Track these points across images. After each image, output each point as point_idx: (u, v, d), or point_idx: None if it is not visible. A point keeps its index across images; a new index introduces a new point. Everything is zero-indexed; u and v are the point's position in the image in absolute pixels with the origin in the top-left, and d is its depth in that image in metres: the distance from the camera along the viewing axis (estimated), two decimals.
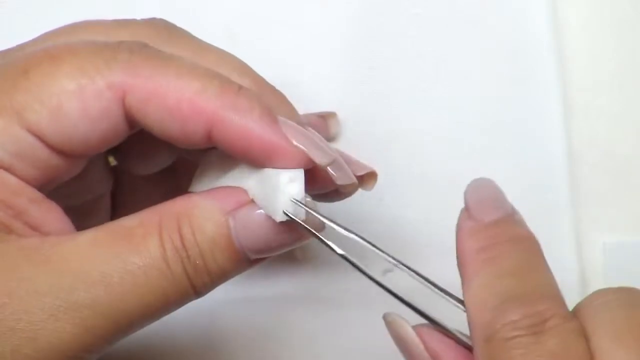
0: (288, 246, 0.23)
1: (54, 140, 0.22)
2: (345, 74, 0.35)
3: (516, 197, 0.34)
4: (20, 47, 0.25)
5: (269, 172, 0.22)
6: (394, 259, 0.24)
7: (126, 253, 0.21)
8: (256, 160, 0.22)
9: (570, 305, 0.24)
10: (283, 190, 0.22)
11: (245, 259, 0.23)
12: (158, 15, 0.35)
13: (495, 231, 0.23)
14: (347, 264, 0.24)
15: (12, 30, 0.36)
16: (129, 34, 0.24)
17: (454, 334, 0.23)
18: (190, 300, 0.23)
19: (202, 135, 0.22)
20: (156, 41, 0.24)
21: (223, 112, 0.22)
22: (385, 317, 0.25)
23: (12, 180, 0.22)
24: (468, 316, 0.22)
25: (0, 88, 0.22)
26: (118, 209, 0.29)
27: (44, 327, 0.20)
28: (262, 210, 0.22)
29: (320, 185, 0.24)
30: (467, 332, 0.23)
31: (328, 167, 0.23)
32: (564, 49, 0.35)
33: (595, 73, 0.35)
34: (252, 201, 0.23)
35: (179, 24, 0.30)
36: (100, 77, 0.22)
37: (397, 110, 0.35)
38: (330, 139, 0.34)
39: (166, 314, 0.22)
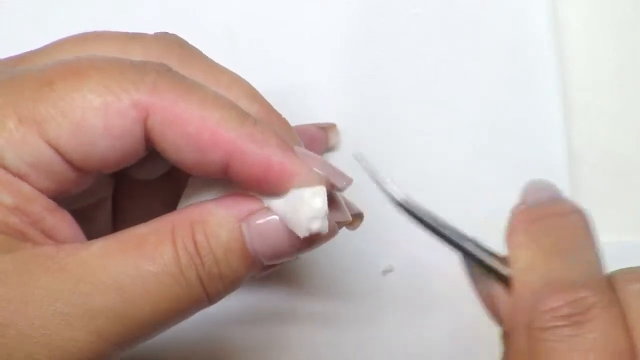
0: (302, 251, 0.23)
1: (73, 155, 0.22)
2: (345, 74, 0.35)
3: (516, 198, 0.34)
4: (34, 54, 0.25)
5: (292, 191, 0.23)
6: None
7: (140, 260, 0.21)
8: (274, 187, 0.23)
9: None
10: (308, 204, 0.22)
11: (259, 265, 0.23)
12: (158, 16, 0.35)
13: (543, 206, 0.23)
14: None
15: (12, 30, 0.36)
16: (142, 49, 0.24)
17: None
18: (204, 307, 0.23)
19: (219, 165, 0.22)
20: (170, 59, 0.24)
21: (242, 144, 0.22)
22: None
23: (27, 188, 0.22)
24: (514, 287, 0.23)
25: (22, 97, 0.22)
26: (119, 212, 0.29)
27: (58, 334, 0.20)
28: (275, 216, 0.23)
29: None
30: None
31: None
32: (564, 49, 0.35)
33: (595, 73, 0.35)
34: (265, 208, 0.23)
35: (179, 24, 0.31)
36: (126, 96, 0.22)
37: (397, 110, 0.35)
38: (330, 149, 0.34)
39: (179, 321, 0.23)
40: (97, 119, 0.21)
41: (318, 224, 0.22)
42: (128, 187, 0.29)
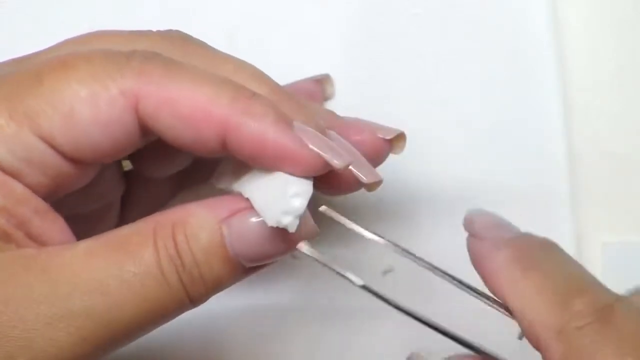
0: (282, 254, 0.23)
1: (65, 147, 0.22)
2: (345, 74, 0.35)
3: (516, 198, 0.34)
4: (36, 55, 0.25)
5: (279, 177, 0.22)
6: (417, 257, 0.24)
7: (122, 261, 0.21)
8: (270, 165, 0.22)
9: None
10: (288, 200, 0.22)
11: (240, 267, 0.23)
12: (158, 16, 0.36)
13: (522, 242, 0.24)
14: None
15: (12, 30, 0.36)
16: (144, 45, 0.24)
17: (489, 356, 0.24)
18: (187, 309, 0.23)
19: (216, 142, 0.22)
20: (172, 51, 0.24)
21: (236, 118, 0.22)
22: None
23: (18, 188, 0.22)
24: (524, 319, 0.23)
25: (12, 93, 0.22)
26: (127, 212, 0.29)
27: (40, 335, 0.20)
28: (256, 218, 0.22)
29: (345, 188, 0.24)
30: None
31: (352, 169, 0.24)
32: (564, 49, 0.35)
33: (595, 73, 0.35)
34: (247, 208, 0.22)
35: (178, 25, 0.30)
36: (113, 84, 0.22)
37: (397, 110, 0.35)
38: (326, 99, 0.34)
39: (162, 323, 0.22)
40: (86, 109, 0.21)
41: (288, 220, 0.22)
42: (138, 186, 0.29)
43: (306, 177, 0.22)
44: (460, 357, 0.24)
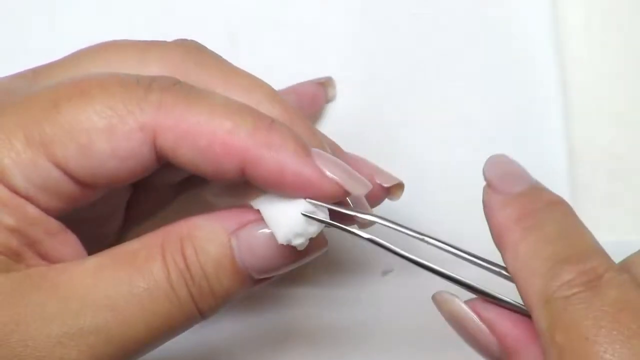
0: (292, 265, 0.23)
1: (80, 176, 0.22)
2: (346, 74, 0.35)
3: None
4: (49, 70, 0.25)
5: (296, 201, 0.22)
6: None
7: (131, 277, 0.21)
8: (290, 192, 0.22)
9: None
10: (303, 224, 0.22)
11: (249, 279, 0.23)
12: (158, 16, 0.35)
13: (528, 199, 0.23)
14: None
15: (12, 30, 0.36)
16: (159, 57, 0.24)
17: (506, 302, 0.23)
18: (197, 322, 0.23)
19: (236, 173, 0.22)
20: (187, 65, 0.24)
21: (256, 151, 0.22)
22: (434, 297, 0.25)
23: (32, 210, 0.22)
24: (518, 284, 0.22)
25: (29, 118, 0.22)
26: (131, 214, 0.29)
27: (51, 354, 0.20)
28: (265, 230, 0.22)
29: (370, 199, 0.25)
30: (514, 300, 0.23)
31: (374, 177, 0.24)
32: (564, 49, 0.35)
33: (595, 73, 0.35)
34: (256, 220, 0.23)
35: (179, 25, 0.31)
36: (131, 118, 0.21)
37: (397, 110, 0.35)
38: (329, 101, 0.35)
39: (173, 337, 0.23)
40: (103, 142, 0.21)
41: (300, 242, 0.22)
42: (144, 190, 0.29)
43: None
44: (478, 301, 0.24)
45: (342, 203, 0.24)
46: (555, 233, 0.22)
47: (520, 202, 0.23)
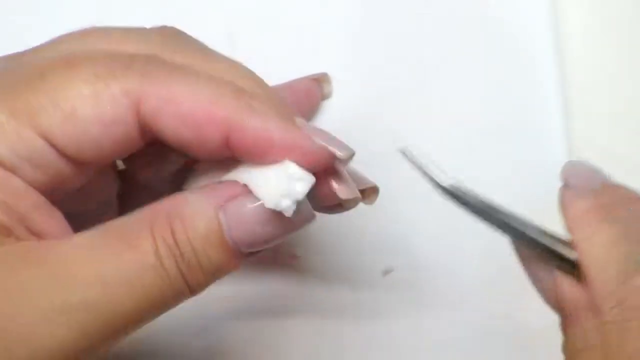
0: (280, 237, 0.23)
1: (65, 145, 0.22)
2: (346, 74, 0.35)
3: (516, 197, 0.34)
4: (34, 51, 0.25)
5: (280, 164, 0.22)
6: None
7: (120, 253, 0.21)
8: (277, 160, 0.22)
9: None
10: (289, 183, 0.22)
11: (238, 254, 0.23)
12: (157, 16, 0.35)
13: (606, 192, 0.23)
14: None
15: (11, 31, 0.36)
16: (139, 40, 0.24)
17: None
18: (186, 298, 0.22)
19: (219, 143, 0.22)
20: (166, 47, 0.24)
21: (240, 116, 0.22)
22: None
23: (17, 183, 0.22)
24: (590, 277, 0.22)
25: (14, 90, 0.22)
26: (126, 211, 0.29)
27: (39, 330, 0.20)
28: (252, 203, 0.22)
29: (323, 198, 0.24)
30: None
31: (332, 181, 0.23)
32: (564, 49, 0.35)
33: (595, 73, 0.35)
34: (243, 193, 0.22)
35: (178, 24, 0.30)
36: (115, 83, 0.21)
37: (398, 110, 0.35)
38: (324, 98, 0.35)
39: (162, 313, 0.22)
40: (88, 108, 0.21)
41: (287, 203, 0.22)
42: (136, 183, 0.29)
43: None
44: None
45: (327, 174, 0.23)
46: (634, 231, 0.22)
47: (598, 193, 0.23)
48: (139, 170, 0.28)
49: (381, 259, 0.34)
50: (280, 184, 0.22)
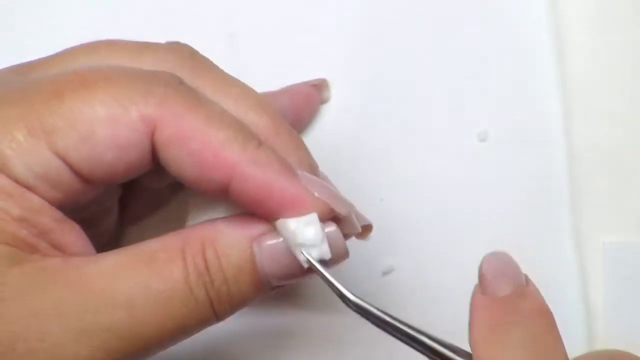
0: (311, 273, 0.23)
1: (80, 166, 0.22)
2: (346, 74, 0.35)
3: (516, 198, 0.34)
4: (45, 64, 0.25)
5: (282, 222, 0.23)
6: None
7: (149, 277, 0.21)
8: (275, 212, 0.23)
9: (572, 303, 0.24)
10: (302, 239, 0.22)
11: (266, 285, 0.23)
12: (157, 16, 0.35)
13: (506, 307, 0.23)
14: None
15: (12, 31, 0.36)
16: (153, 60, 0.24)
17: None
18: (211, 324, 0.23)
19: (220, 186, 0.22)
20: (181, 70, 0.24)
21: (244, 166, 0.22)
22: None
23: (35, 199, 0.22)
24: None
25: (32, 107, 0.22)
26: (126, 214, 0.29)
27: (66, 349, 0.20)
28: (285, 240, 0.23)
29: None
30: None
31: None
32: (564, 48, 0.35)
33: (596, 73, 0.35)
34: (275, 230, 0.23)
35: (178, 25, 0.30)
36: (134, 108, 0.22)
37: (398, 110, 0.35)
38: (323, 103, 0.35)
39: (187, 337, 0.23)
40: (104, 131, 0.22)
41: (316, 252, 0.22)
42: (136, 194, 0.29)
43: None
44: None
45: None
46: (521, 344, 0.22)
47: (498, 308, 0.23)
48: (142, 178, 0.28)
49: (381, 259, 0.34)
50: (296, 245, 0.22)
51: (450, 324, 0.33)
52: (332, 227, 0.23)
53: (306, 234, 0.22)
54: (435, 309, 0.33)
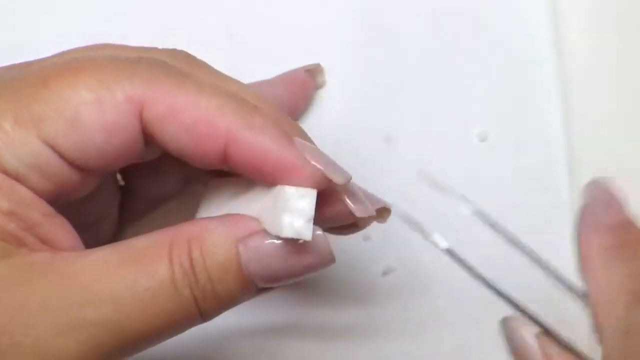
0: (297, 277, 0.23)
1: (70, 152, 0.22)
2: (346, 73, 0.35)
3: (516, 198, 0.34)
4: (40, 61, 0.25)
5: (279, 188, 0.22)
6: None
7: (136, 274, 0.21)
8: (271, 178, 0.22)
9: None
10: (293, 205, 0.22)
11: (253, 287, 0.23)
12: (157, 17, 0.35)
13: (623, 231, 0.23)
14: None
15: (12, 31, 0.36)
16: (147, 50, 0.24)
17: (567, 344, 0.24)
18: (197, 324, 0.23)
19: (217, 154, 0.22)
20: (174, 59, 0.24)
21: (239, 131, 0.22)
22: (506, 322, 0.25)
23: (24, 191, 0.22)
24: (597, 309, 0.22)
25: (19, 97, 0.22)
26: (125, 218, 0.29)
27: (52, 343, 0.20)
28: (273, 240, 0.22)
29: (338, 218, 0.24)
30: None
31: (347, 200, 0.23)
32: (564, 48, 0.35)
33: (596, 73, 0.35)
34: (264, 230, 0.23)
35: (179, 24, 0.30)
36: (119, 89, 0.21)
37: (398, 110, 0.35)
38: (318, 88, 0.35)
39: (172, 336, 0.23)
40: (91, 114, 0.21)
41: (300, 223, 0.22)
42: (135, 200, 0.29)
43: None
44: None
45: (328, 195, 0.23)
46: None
47: (613, 231, 0.23)
48: (140, 183, 0.28)
49: (381, 259, 0.34)
50: (285, 208, 0.22)
51: (450, 324, 0.33)
52: (319, 231, 0.22)
53: (299, 204, 0.22)
54: (435, 309, 0.33)
